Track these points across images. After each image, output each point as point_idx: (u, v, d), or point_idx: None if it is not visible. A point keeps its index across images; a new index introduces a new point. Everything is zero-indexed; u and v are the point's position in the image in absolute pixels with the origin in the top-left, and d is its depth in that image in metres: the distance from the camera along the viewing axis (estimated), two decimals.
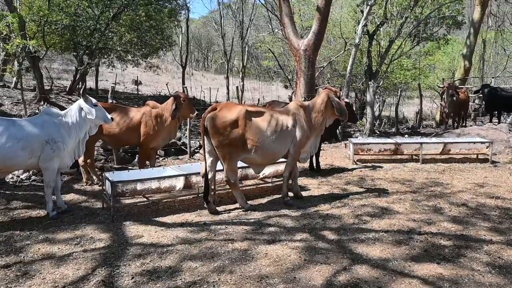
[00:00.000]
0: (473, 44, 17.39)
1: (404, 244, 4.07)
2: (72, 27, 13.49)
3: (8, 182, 6.42)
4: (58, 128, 4.76)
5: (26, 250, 3.90)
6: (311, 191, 6.22)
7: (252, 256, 3.76)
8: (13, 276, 3.37)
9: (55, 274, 3.42)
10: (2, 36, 10.82)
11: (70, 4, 13.37)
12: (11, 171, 5.12)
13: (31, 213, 5.06)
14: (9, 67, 12.80)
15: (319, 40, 11.34)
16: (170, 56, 28.54)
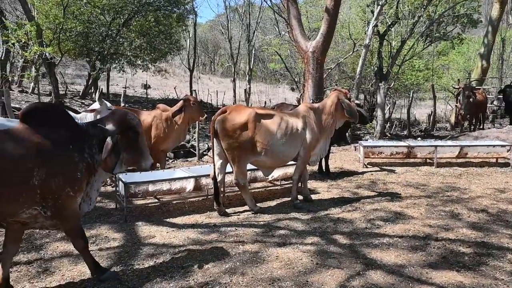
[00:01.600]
0: (491, 43, 16.74)
1: (421, 250, 4.00)
2: (85, 33, 13.76)
3: None
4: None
5: (45, 248, 3.99)
6: (321, 195, 6.19)
7: (263, 258, 3.76)
8: (34, 272, 3.47)
9: (73, 271, 3.50)
10: (21, 43, 11.09)
11: (84, 12, 13.66)
12: None
13: None
14: (27, 73, 13.11)
15: (328, 41, 11.30)
16: (178, 60, 28.75)
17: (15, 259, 3.70)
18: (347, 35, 16.01)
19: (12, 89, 14.24)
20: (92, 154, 3.11)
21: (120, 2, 14.23)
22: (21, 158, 2.74)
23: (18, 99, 13.38)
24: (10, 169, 2.68)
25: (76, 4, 13.50)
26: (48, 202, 2.88)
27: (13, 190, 2.72)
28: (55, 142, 2.92)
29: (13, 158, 2.70)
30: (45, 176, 2.82)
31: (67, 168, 2.95)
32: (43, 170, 2.81)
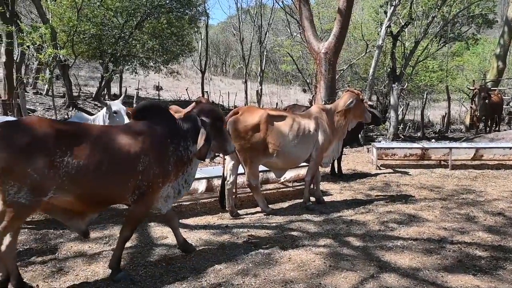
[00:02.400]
0: (508, 44, 16.42)
1: (436, 253, 3.93)
2: (99, 36, 13.95)
3: None
4: None
5: (60, 248, 4.03)
6: (333, 196, 6.15)
7: (276, 260, 3.74)
8: (49, 272, 3.50)
9: (87, 271, 3.53)
10: (36, 46, 11.30)
11: (97, 15, 13.84)
12: None
13: None
14: (41, 75, 13.34)
15: (340, 42, 11.24)
16: (190, 62, 28.95)
17: (29, 259, 3.76)
18: (359, 36, 15.90)
19: (27, 91, 14.48)
20: (187, 147, 3.51)
21: (132, 4, 14.38)
22: (133, 149, 3.15)
23: (32, 101, 13.61)
24: (123, 159, 3.09)
25: (89, 7, 13.70)
26: (140, 189, 3.21)
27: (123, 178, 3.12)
28: (158, 136, 3.33)
29: (127, 149, 3.12)
30: (147, 165, 3.19)
31: (163, 160, 3.32)
32: (147, 160, 3.20)
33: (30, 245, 4.10)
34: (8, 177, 2.71)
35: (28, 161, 2.73)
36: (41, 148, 2.78)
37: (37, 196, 2.79)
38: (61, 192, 2.89)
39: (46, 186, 2.81)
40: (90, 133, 3.06)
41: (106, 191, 3.10)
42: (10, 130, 2.80)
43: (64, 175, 2.85)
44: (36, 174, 2.75)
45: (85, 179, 2.92)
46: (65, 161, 2.86)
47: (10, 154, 2.70)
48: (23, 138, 2.76)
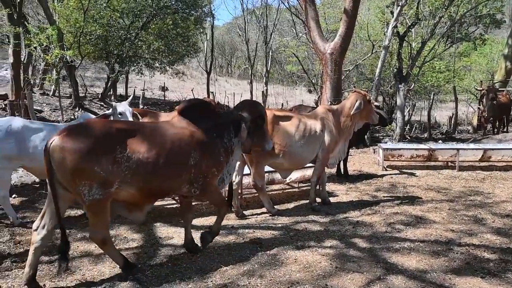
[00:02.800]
0: None
1: (443, 255, 3.90)
2: (105, 37, 14.00)
3: None
4: None
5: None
6: (339, 197, 6.12)
7: (282, 261, 3.73)
8: (56, 271, 3.48)
9: (93, 271, 3.54)
10: (43, 47, 11.37)
11: (103, 16, 13.90)
12: None
13: (70, 212, 5.22)
14: (48, 76, 13.42)
15: (346, 43, 11.19)
16: (195, 63, 29.00)
17: None
18: (365, 36, 15.84)
19: (34, 91, 14.58)
20: (230, 138, 3.78)
21: (138, 5, 14.43)
22: (183, 143, 3.42)
23: (39, 102, 13.70)
24: (176, 152, 3.36)
25: (96, 8, 13.76)
26: (198, 181, 3.53)
27: (177, 170, 3.39)
28: (205, 130, 3.60)
29: (178, 144, 3.39)
30: (198, 158, 3.47)
31: (213, 151, 3.61)
32: (197, 153, 3.47)
33: None
34: (80, 177, 2.98)
35: (95, 160, 2.99)
36: (104, 147, 3.05)
37: (106, 189, 3.08)
38: (125, 184, 3.16)
39: (111, 180, 3.09)
40: (146, 130, 3.34)
41: (162, 184, 3.36)
42: (75, 133, 3.05)
43: (125, 169, 3.13)
44: (102, 171, 3.02)
45: (144, 173, 3.20)
46: (126, 157, 3.13)
47: (78, 156, 2.96)
48: (87, 139, 3.02)
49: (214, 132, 3.66)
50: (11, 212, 4.63)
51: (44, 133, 4.66)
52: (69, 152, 2.95)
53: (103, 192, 3.06)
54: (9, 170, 4.61)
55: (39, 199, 5.74)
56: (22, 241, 4.21)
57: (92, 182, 3.00)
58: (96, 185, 3.02)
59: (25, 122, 4.75)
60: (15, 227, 4.55)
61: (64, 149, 2.97)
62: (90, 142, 3.00)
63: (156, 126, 3.53)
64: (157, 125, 3.65)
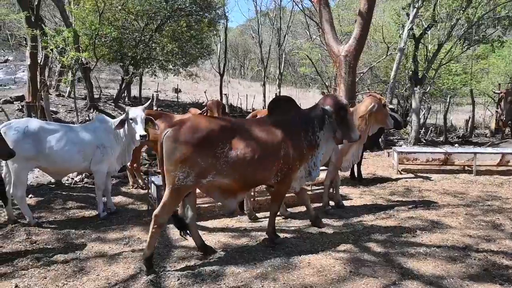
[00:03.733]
0: None
1: (460, 261, 3.82)
2: (119, 39, 14.14)
3: (64, 184, 6.78)
4: (108, 134, 4.99)
5: (81, 248, 4.09)
6: (353, 201, 6.06)
7: (295, 264, 3.70)
8: (71, 271, 3.56)
9: (108, 271, 3.57)
10: (59, 49, 11.54)
11: (118, 18, 14.06)
12: (68, 173, 5.44)
13: (84, 213, 5.29)
14: (64, 78, 13.60)
15: (361, 45, 11.08)
16: (208, 65, 29.11)
17: (51, 258, 3.81)
18: (380, 38, 15.69)
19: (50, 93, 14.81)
20: (314, 132, 4.02)
21: (153, 8, 14.54)
22: (274, 138, 3.77)
23: (55, 103, 13.89)
24: (269, 147, 3.70)
25: (111, 11, 13.91)
26: (282, 171, 3.83)
27: (269, 162, 3.73)
28: (291, 125, 3.92)
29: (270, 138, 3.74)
30: (286, 151, 3.79)
31: (298, 145, 3.88)
32: (285, 147, 3.79)
33: (52, 245, 4.17)
34: (182, 164, 3.38)
35: (199, 152, 3.39)
36: (208, 142, 3.44)
37: (200, 179, 3.48)
38: (220, 176, 3.53)
39: (207, 172, 3.47)
40: (243, 127, 3.72)
41: (256, 175, 3.71)
42: (185, 128, 3.45)
43: (223, 163, 3.49)
44: (203, 162, 3.41)
45: (240, 166, 3.55)
46: (225, 152, 3.49)
47: (187, 147, 3.38)
48: (195, 134, 3.42)
49: (299, 127, 3.96)
50: (28, 212, 4.69)
51: (60, 134, 4.73)
52: (179, 142, 3.39)
53: (195, 181, 3.46)
54: (26, 170, 4.69)
55: (54, 199, 5.82)
56: (38, 240, 4.26)
57: (190, 171, 3.41)
58: (193, 174, 3.42)
59: (41, 123, 4.82)
60: (31, 227, 4.61)
61: (175, 140, 3.41)
62: (197, 136, 3.42)
63: (252, 123, 3.91)
64: (252, 121, 4.05)
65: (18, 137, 4.49)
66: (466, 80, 16.16)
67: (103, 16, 13.10)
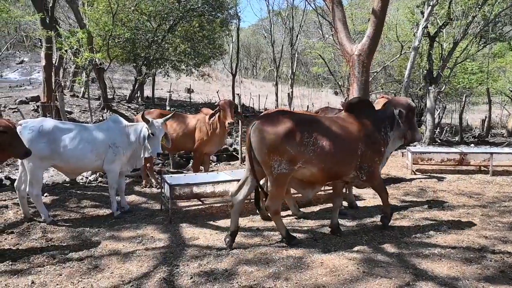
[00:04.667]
0: None
1: (476, 262, 3.75)
2: (133, 40, 14.28)
3: (79, 182, 6.87)
4: (120, 135, 5.03)
5: (95, 246, 4.14)
6: (366, 201, 6.00)
7: (308, 264, 3.68)
8: (85, 269, 3.60)
9: (121, 269, 3.60)
10: (73, 50, 11.69)
11: (132, 19, 14.20)
12: (81, 172, 5.47)
13: (99, 211, 5.36)
14: (78, 78, 13.78)
15: (374, 44, 10.91)
16: (220, 65, 29.18)
17: (67, 255, 3.87)
18: (394, 37, 15.50)
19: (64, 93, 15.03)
20: (386, 132, 4.35)
21: (166, 8, 14.65)
22: (352, 135, 4.09)
23: (69, 103, 14.10)
24: (348, 142, 4.04)
25: (124, 12, 14.06)
26: (364, 168, 4.18)
27: (348, 157, 4.07)
28: (367, 124, 4.23)
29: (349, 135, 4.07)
30: (364, 148, 4.12)
31: (374, 143, 4.22)
32: (363, 144, 4.12)
33: (67, 243, 4.23)
34: (273, 153, 3.75)
35: (286, 140, 3.74)
36: (293, 131, 3.78)
37: (292, 165, 3.81)
38: (307, 164, 3.88)
39: (297, 159, 3.82)
40: (324, 122, 4.06)
41: (337, 167, 4.03)
42: (271, 119, 3.85)
43: (310, 151, 3.84)
44: (291, 149, 3.76)
45: (325, 156, 3.89)
46: (311, 142, 3.84)
47: (276, 136, 3.75)
48: (282, 125, 3.79)
49: (374, 126, 4.26)
50: (43, 210, 4.77)
51: (74, 133, 4.78)
52: (267, 133, 3.77)
53: (288, 168, 3.81)
54: (41, 169, 4.76)
55: (69, 198, 5.90)
56: (53, 238, 4.33)
57: (282, 158, 3.77)
58: (284, 161, 3.77)
59: (55, 122, 4.89)
60: (47, 225, 4.68)
61: (262, 131, 3.78)
62: (283, 127, 3.78)
63: (331, 119, 4.20)
64: (331, 118, 4.29)
65: (33, 137, 4.57)
66: (482, 79, 15.86)
67: (117, 17, 13.24)
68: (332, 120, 4.20)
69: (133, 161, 5.26)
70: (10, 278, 3.39)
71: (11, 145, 3.79)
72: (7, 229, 4.54)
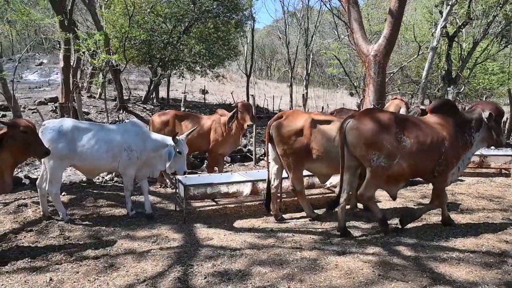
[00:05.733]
0: None
1: (496, 267, 3.66)
2: (148, 41, 14.45)
3: (95, 182, 6.97)
4: (137, 139, 4.96)
5: (111, 245, 4.18)
6: (382, 204, 5.91)
7: (322, 266, 3.64)
8: (101, 267, 3.65)
9: (137, 268, 3.63)
10: (90, 52, 11.88)
11: (147, 21, 14.37)
12: (99, 172, 5.46)
13: (114, 211, 5.42)
14: (95, 79, 14.00)
15: (391, 44, 10.81)
16: (235, 66, 29.23)
17: (83, 253, 3.92)
18: (411, 37, 15.28)
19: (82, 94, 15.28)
20: (470, 134, 4.44)
21: (181, 10, 14.77)
22: (438, 134, 4.29)
23: (86, 104, 14.32)
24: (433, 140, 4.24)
25: (140, 14, 14.23)
26: (441, 166, 4.34)
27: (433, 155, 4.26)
28: (451, 125, 4.38)
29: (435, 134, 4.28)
30: (446, 147, 4.29)
31: (456, 143, 4.36)
32: (446, 143, 4.30)
33: (84, 241, 4.29)
34: (371, 148, 4.09)
35: (381, 136, 4.08)
36: (386, 127, 4.11)
37: (390, 160, 4.13)
38: (402, 160, 4.15)
39: (395, 153, 4.12)
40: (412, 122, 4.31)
41: (423, 165, 4.27)
42: (365, 117, 4.19)
43: (403, 147, 4.12)
44: (388, 144, 4.08)
45: (414, 152, 4.15)
46: (403, 138, 4.13)
47: (373, 132, 4.10)
48: (378, 121, 4.14)
49: (459, 127, 4.39)
50: (61, 208, 4.85)
51: (91, 133, 4.83)
52: (363, 129, 4.11)
53: (387, 162, 4.13)
54: (61, 168, 4.83)
55: (86, 197, 5.99)
56: (70, 236, 4.40)
57: (380, 152, 4.09)
58: (383, 155, 4.10)
59: (75, 122, 4.95)
60: (64, 223, 4.75)
61: (358, 128, 4.13)
62: (378, 123, 4.12)
63: (418, 119, 4.44)
64: (419, 118, 4.52)
65: (53, 136, 4.64)
66: (503, 79, 15.47)
67: (133, 19, 13.41)
68: (419, 120, 4.42)
69: (148, 169, 5.14)
70: (29, 274, 3.46)
71: (31, 145, 3.86)
72: (26, 227, 4.64)
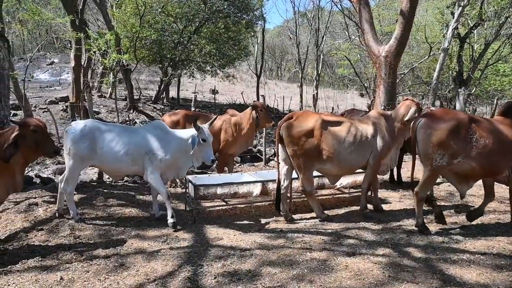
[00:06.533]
0: None
1: (507, 269, 3.62)
2: (159, 41, 14.55)
3: (105, 182, 7.02)
4: (159, 142, 4.80)
5: (121, 244, 4.21)
6: (392, 205, 5.89)
7: (332, 267, 3.63)
8: (112, 266, 3.67)
9: (147, 267, 3.65)
10: (101, 51, 11.98)
11: (158, 21, 14.47)
12: (121, 174, 5.35)
13: (124, 210, 5.44)
14: (105, 79, 14.13)
15: (402, 45, 10.73)
16: (245, 66, 29.29)
17: (94, 253, 3.95)
18: (422, 38, 15.16)
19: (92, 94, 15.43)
20: None
21: (192, 10, 14.85)
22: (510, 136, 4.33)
23: (97, 104, 14.45)
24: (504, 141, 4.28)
25: (151, 14, 14.33)
26: None
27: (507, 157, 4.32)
28: None
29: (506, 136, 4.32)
30: None
31: None
32: None
33: (95, 240, 4.33)
34: (438, 147, 4.19)
35: (451, 136, 4.16)
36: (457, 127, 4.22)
37: (452, 160, 4.23)
38: (469, 159, 4.22)
39: (458, 154, 4.21)
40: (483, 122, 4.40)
41: (495, 165, 4.33)
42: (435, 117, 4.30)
43: (472, 147, 4.19)
44: (455, 145, 4.17)
45: (484, 153, 4.20)
46: (474, 139, 4.20)
47: (443, 132, 4.19)
48: (448, 122, 4.22)
49: None
50: (73, 207, 4.87)
51: (113, 135, 4.76)
52: (434, 129, 4.21)
53: (448, 161, 4.22)
54: (79, 169, 4.85)
55: (96, 196, 6.04)
56: (81, 236, 4.43)
57: (445, 152, 4.19)
58: (447, 155, 4.19)
59: (98, 123, 4.91)
60: (75, 223, 4.79)
61: (429, 127, 4.23)
62: (449, 124, 4.20)
63: (489, 121, 4.55)
64: (489, 120, 4.63)
65: (75, 137, 4.65)
66: None
67: (144, 19, 13.51)
68: (490, 121, 4.50)
69: (174, 171, 5.01)
70: (40, 273, 3.49)
71: (41, 144, 3.89)
72: (37, 226, 4.67)
